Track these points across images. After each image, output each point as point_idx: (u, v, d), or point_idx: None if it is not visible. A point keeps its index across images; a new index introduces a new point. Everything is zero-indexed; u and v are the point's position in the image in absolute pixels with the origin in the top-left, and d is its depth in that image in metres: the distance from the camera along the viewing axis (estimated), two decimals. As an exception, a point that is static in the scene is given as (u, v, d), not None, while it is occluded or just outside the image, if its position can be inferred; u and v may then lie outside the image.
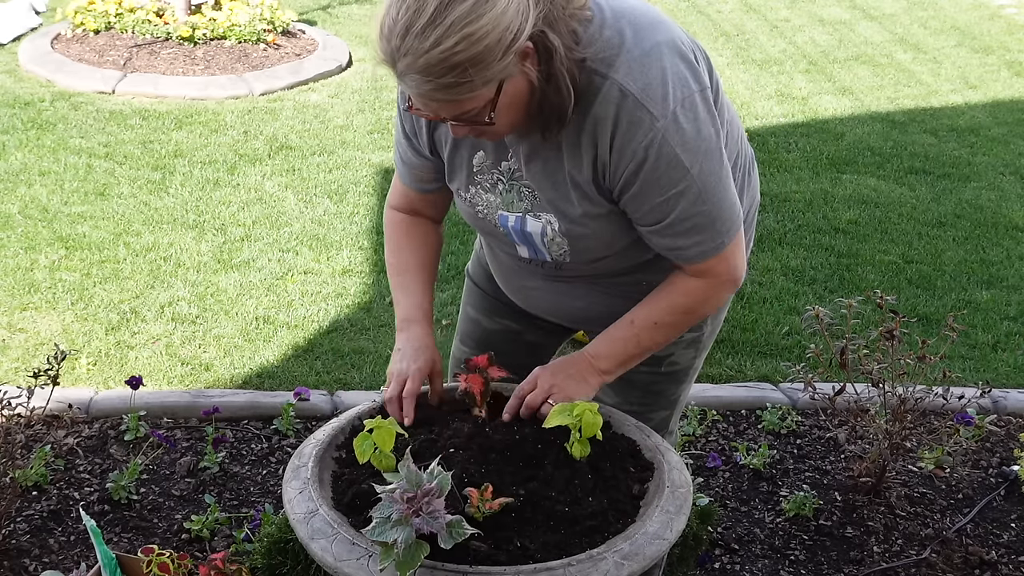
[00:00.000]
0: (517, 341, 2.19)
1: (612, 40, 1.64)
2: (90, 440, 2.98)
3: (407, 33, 1.50)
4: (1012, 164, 5.72)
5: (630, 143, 1.65)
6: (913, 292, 4.30)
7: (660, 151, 1.65)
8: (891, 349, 2.74)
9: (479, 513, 1.64)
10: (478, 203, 1.88)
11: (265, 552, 2.28)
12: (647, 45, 1.65)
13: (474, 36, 1.48)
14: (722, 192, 1.73)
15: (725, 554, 2.72)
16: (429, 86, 1.53)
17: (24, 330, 3.59)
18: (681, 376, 2.14)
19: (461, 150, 1.84)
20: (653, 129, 1.63)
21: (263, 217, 4.54)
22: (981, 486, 3.04)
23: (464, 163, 1.85)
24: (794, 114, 6.27)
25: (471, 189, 1.87)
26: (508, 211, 1.85)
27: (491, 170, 1.83)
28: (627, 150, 1.66)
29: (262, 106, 5.77)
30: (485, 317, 2.23)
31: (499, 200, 1.85)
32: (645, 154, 1.65)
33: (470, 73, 1.51)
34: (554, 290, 2.01)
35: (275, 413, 3.15)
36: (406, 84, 1.55)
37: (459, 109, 1.59)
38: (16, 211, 4.42)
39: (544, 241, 1.85)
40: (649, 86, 1.63)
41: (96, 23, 6.34)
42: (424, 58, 1.50)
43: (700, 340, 2.10)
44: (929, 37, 7.95)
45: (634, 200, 1.72)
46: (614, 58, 1.63)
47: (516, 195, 1.82)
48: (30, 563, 2.51)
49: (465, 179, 1.87)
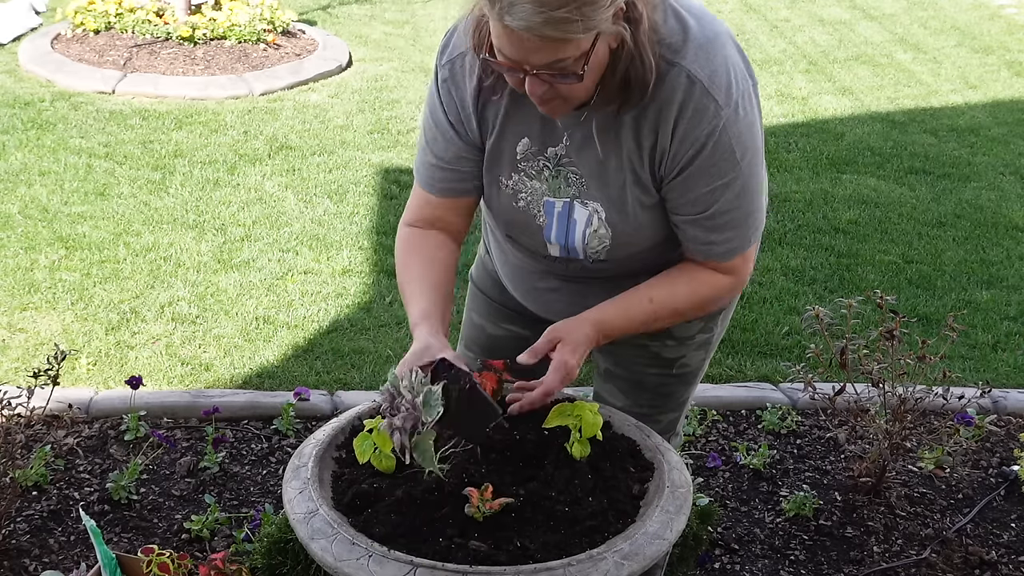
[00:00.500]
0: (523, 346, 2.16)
1: (676, 28, 1.65)
2: (90, 440, 2.98)
3: None
4: (1012, 164, 5.73)
5: (694, 130, 1.66)
6: (913, 292, 4.30)
7: (719, 140, 1.66)
8: (891, 349, 2.74)
9: (479, 513, 1.64)
10: (521, 190, 1.84)
11: (265, 552, 2.28)
12: (710, 34, 1.66)
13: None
14: (759, 191, 1.76)
15: (725, 554, 2.72)
16: (540, 18, 1.49)
17: (24, 330, 3.59)
18: (690, 378, 2.14)
19: (505, 136, 1.80)
20: (717, 117, 1.64)
21: (263, 217, 4.54)
22: (981, 486, 3.04)
23: (507, 150, 1.81)
24: (794, 114, 6.27)
25: (513, 176, 1.83)
26: (555, 197, 1.82)
27: (536, 157, 1.80)
28: (690, 137, 1.66)
29: (262, 106, 5.77)
30: (490, 323, 2.22)
31: (545, 187, 1.82)
32: (705, 141, 1.66)
33: (584, 11, 1.49)
34: (571, 291, 1.99)
35: (275, 413, 3.15)
36: (513, 16, 1.50)
37: (556, 54, 1.54)
38: (16, 211, 4.42)
39: (586, 233, 1.83)
40: (715, 74, 1.64)
41: (96, 23, 6.34)
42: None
43: (711, 341, 2.10)
44: (929, 37, 7.95)
45: (681, 186, 1.72)
46: (681, 45, 1.64)
47: (563, 181, 1.80)
48: (30, 563, 2.51)
49: (507, 167, 1.83)
